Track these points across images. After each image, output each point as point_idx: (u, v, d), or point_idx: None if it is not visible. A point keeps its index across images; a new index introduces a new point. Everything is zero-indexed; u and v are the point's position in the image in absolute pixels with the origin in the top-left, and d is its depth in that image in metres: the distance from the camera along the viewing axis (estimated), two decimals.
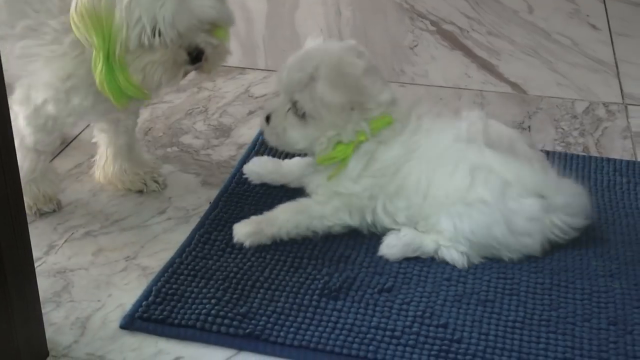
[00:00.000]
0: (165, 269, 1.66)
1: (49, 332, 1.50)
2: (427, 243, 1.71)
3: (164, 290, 1.60)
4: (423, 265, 1.69)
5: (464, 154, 1.71)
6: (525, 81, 2.55)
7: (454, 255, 1.69)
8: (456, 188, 1.69)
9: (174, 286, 1.61)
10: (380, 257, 1.71)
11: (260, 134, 2.11)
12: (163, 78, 1.65)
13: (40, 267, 1.67)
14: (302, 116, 1.74)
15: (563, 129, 2.27)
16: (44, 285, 1.62)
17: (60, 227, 1.82)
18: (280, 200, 1.85)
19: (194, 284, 1.62)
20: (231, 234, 1.75)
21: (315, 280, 1.64)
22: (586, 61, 2.70)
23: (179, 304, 1.57)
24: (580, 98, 2.45)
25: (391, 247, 1.71)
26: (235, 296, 1.59)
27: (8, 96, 1.27)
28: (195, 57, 1.66)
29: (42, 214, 1.85)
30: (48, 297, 1.61)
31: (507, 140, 1.77)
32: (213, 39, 1.69)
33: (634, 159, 2.12)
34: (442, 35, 2.87)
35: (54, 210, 1.86)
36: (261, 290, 1.61)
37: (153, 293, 1.59)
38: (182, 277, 1.64)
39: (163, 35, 1.59)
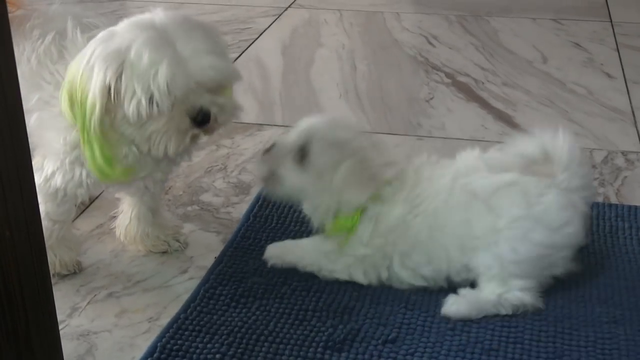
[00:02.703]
0: (170, 325, 1.68)
1: None
2: (486, 295, 1.70)
3: (168, 346, 1.62)
4: (427, 316, 1.70)
5: (471, 188, 1.72)
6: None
7: (518, 295, 1.69)
8: (484, 229, 1.69)
9: (179, 342, 1.63)
10: (384, 308, 1.72)
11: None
12: (169, 147, 1.63)
13: (63, 330, 1.69)
14: (303, 163, 1.76)
15: None
16: (68, 348, 1.63)
17: (82, 289, 1.84)
18: None
19: (198, 339, 1.64)
20: (236, 288, 1.78)
21: (319, 333, 1.65)
22: (602, 110, 2.72)
23: None
24: (598, 147, 2.47)
25: (455, 304, 1.71)
26: (239, 350, 1.61)
27: None
28: (202, 120, 1.62)
29: (63, 276, 1.86)
30: None
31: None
32: (219, 98, 1.64)
33: None
34: (457, 87, 2.92)
35: (75, 272, 1.88)
36: (265, 344, 1.62)
37: (158, 349, 1.61)
38: (187, 332, 1.66)
39: (159, 104, 1.57)
